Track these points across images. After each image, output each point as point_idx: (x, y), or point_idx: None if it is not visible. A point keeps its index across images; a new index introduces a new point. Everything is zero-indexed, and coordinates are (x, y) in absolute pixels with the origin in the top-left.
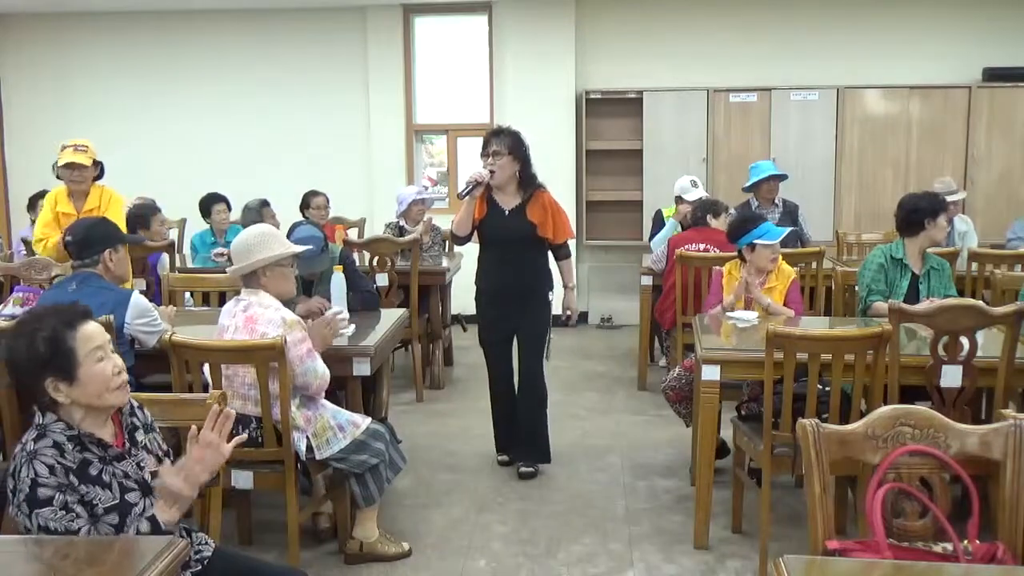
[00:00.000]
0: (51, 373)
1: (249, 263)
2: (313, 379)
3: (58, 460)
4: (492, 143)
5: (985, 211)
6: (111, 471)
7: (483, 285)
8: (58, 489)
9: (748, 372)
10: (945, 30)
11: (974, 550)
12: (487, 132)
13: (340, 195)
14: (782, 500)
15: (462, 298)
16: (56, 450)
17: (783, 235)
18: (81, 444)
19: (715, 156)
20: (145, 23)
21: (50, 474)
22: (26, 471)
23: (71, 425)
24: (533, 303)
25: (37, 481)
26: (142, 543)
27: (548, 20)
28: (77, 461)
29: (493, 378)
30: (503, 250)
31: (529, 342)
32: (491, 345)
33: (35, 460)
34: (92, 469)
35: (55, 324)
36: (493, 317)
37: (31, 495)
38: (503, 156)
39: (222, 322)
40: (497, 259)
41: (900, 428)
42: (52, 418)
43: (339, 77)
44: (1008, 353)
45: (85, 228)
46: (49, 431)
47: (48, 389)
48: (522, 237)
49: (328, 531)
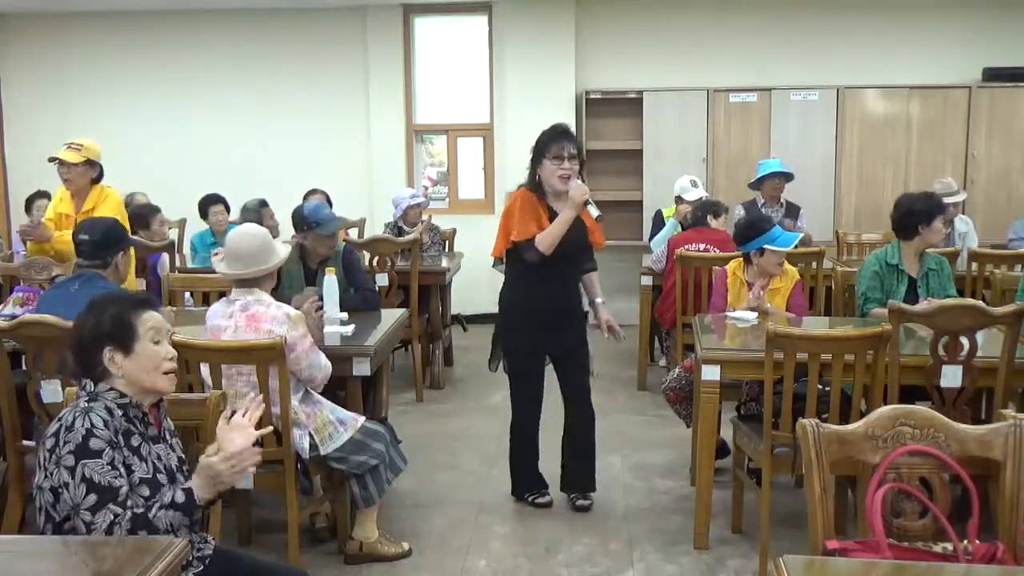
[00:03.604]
0: (111, 343)
1: (271, 265)
2: (318, 371)
3: (110, 420)
4: (568, 146)
5: (985, 211)
6: (148, 448)
7: (521, 303)
8: (109, 444)
9: (748, 372)
10: (945, 30)
11: (974, 550)
12: (553, 131)
13: (340, 195)
14: (782, 500)
15: (462, 298)
16: (107, 414)
17: (795, 242)
18: (127, 415)
19: (715, 156)
20: (145, 23)
21: (105, 427)
22: (82, 421)
23: (123, 394)
24: (577, 320)
25: (92, 432)
26: (142, 543)
27: (548, 20)
28: (123, 428)
29: (522, 409)
30: (553, 264)
31: (576, 361)
32: (526, 374)
33: (91, 413)
34: (134, 440)
35: (124, 304)
36: (532, 339)
37: (83, 444)
38: (577, 160)
39: (216, 323)
40: (543, 274)
41: (900, 428)
42: (104, 387)
43: (339, 77)
44: (1008, 353)
45: (104, 229)
46: (101, 396)
47: (104, 359)
48: (578, 248)
49: (325, 530)
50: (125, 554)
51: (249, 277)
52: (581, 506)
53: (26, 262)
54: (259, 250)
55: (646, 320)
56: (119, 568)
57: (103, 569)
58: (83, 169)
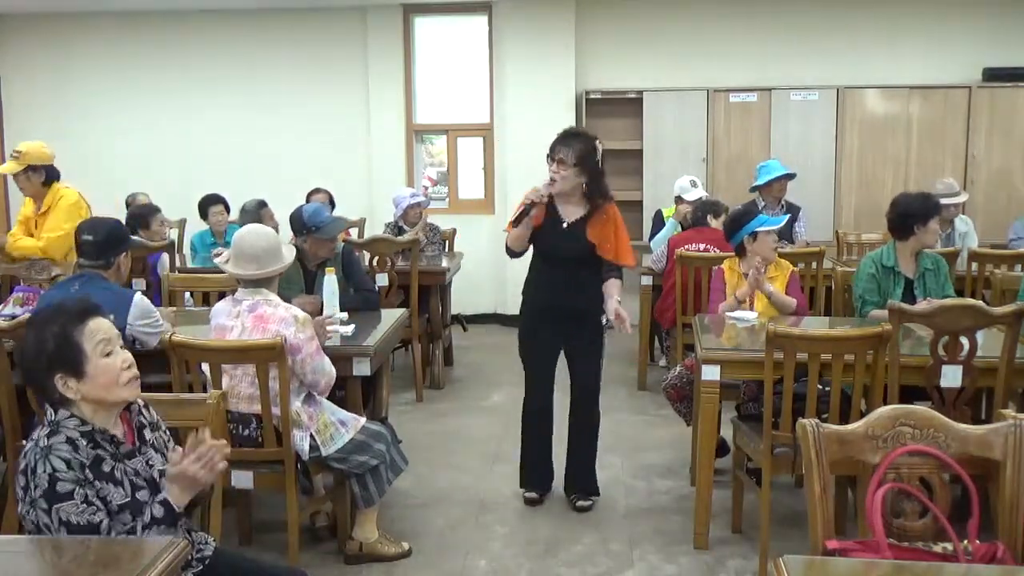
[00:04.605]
0: (60, 369)
1: (282, 265)
2: (322, 376)
3: (73, 455)
4: (559, 149)
5: (985, 211)
6: (123, 468)
7: (530, 298)
8: (77, 483)
9: (748, 372)
10: (945, 30)
11: (974, 550)
12: (559, 133)
13: (340, 195)
14: (782, 500)
15: (462, 298)
16: (70, 446)
17: (782, 222)
18: (94, 441)
19: (715, 156)
20: (145, 23)
21: (68, 468)
22: (43, 467)
23: (84, 421)
24: (584, 328)
25: (56, 476)
26: (142, 543)
27: (548, 20)
28: (91, 457)
29: (530, 395)
30: (554, 266)
31: (583, 364)
32: (531, 358)
33: (51, 456)
34: (105, 466)
35: (63, 320)
36: (536, 332)
37: (50, 490)
38: (567, 166)
39: (222, 322)
40: (548, 274)
41: (900, 428)
42: (65, 414)
43: (339, 77)
44: (1008, 353)
45: (107, 230)
46: (62, 427)
47: (58, 386)
48: (577, 256)
49: (325, 529)
50: (125, 554)
51: (262, 277)
52: (581, 506)
53: (26, 262)
54: (270, 250)
55: (646, 320)
56: (119, 568)
57: (103, 569)
58: (26, 175)
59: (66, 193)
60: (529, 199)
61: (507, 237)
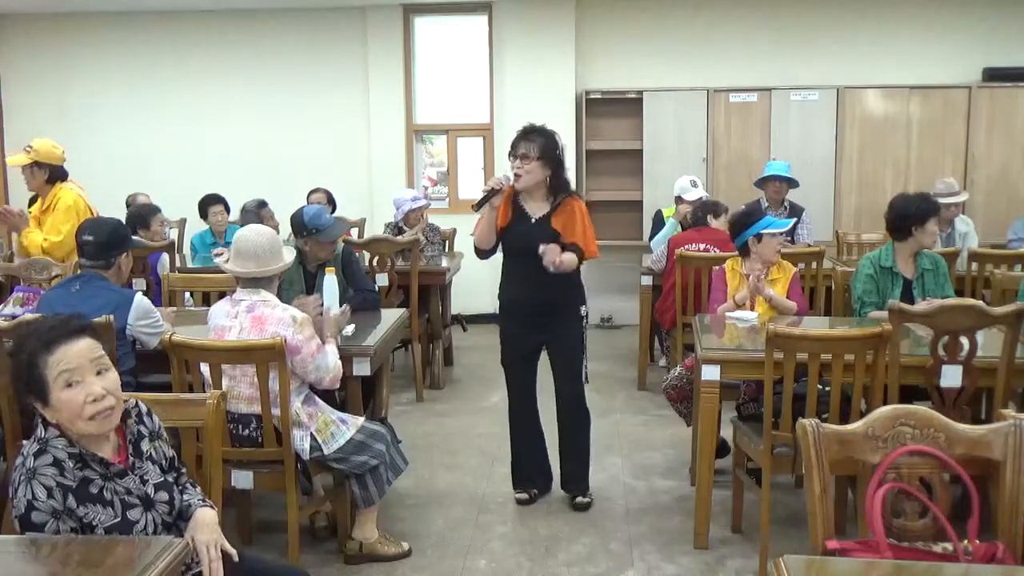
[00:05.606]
0: (29, 394)
1: (283, 264)
2: (326, 373)
3: (57, 480)
4: (520, 145)
5: (985, 211)
6: (112, 488)
7: (505, 299)
8: (52, 515)
9: (748, 372)
10: (945, 30)
11: (974, 550)
12: (519, 131)
13: (340, 195)
14: (782, 500)
15: (462, 298)
16: (56, 468)
17: (789, 225)
18: (83, 462)
19: (715, 156)
20: (145, 23)
21: (48, 497)
22: (23, 490)
23: (72, 442)
24: (562, 320)
25: (33, 504)
26: (142, 543)
27: (548, 20)
28: (77, 480)
29: (513, 401)
30: (528, 261)
31: (563, 365)
32: (511, 364)
33: (34, 480)
34: (92, 487)
35: (31, 347)
36: (515, 334)
37: (25, 516)
38: (531, 160)
39: (220, 323)
40: (521, 271)
41: (900, 428)
42: (54, 433)
43: (339, 77)
44: (1008, 353)
45: (109, 230)
46: (50, 446)
47: (37, 408)
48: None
49: (325, 529)
50: (126, 554)
51: (261, 276)
52: (580, 504)
53: (26, 262)
54: (270, 248)
55: (646, 320)
56: (120, 568)
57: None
58: (32, 171)
59: (64, 194)
60: (490, 185)
61: (474, 237)
